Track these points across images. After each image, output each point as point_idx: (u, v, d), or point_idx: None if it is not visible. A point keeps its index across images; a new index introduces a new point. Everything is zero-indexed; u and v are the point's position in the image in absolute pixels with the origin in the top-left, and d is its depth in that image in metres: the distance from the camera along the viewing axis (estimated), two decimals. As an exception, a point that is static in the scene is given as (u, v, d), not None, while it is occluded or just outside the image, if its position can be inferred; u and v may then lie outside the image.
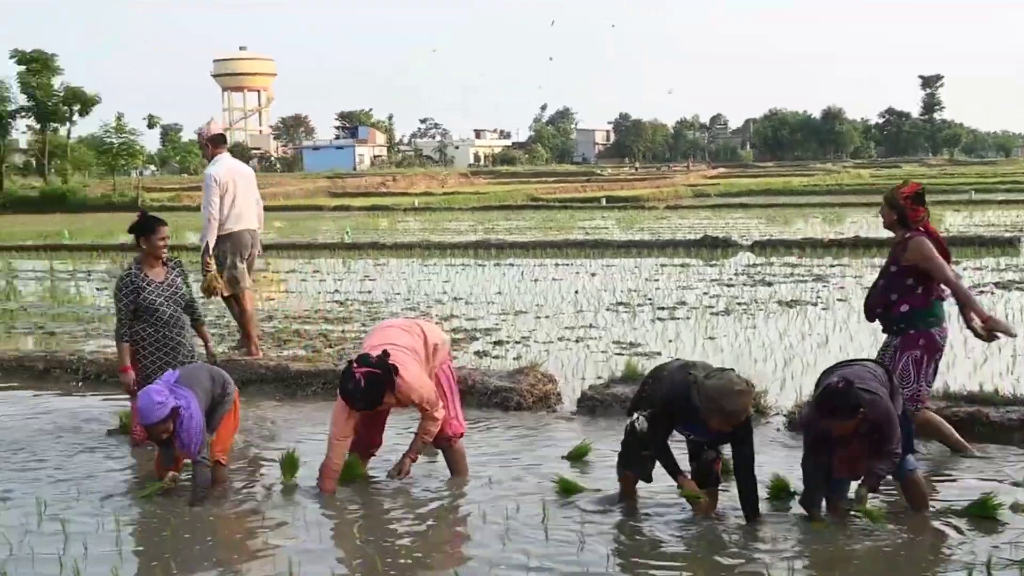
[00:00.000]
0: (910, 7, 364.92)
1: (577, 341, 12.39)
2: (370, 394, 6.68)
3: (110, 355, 11.22)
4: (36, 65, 65.31)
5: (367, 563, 5.76)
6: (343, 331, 13.18)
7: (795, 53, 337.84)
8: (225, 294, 10.90)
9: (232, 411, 7.44)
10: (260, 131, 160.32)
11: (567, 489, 6.82)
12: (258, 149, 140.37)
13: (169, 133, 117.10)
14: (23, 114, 67.26)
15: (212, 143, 10.92)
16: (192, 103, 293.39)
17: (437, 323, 11.93)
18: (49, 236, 32.82)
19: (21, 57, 65.65)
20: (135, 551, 6.11)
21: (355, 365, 6.71)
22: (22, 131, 76.44)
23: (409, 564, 5.83)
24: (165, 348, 8.20)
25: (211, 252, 10.75)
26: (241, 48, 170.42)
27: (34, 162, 78.18)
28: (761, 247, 23.09)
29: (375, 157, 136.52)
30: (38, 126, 70.00)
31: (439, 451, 7.42)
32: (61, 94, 66.23)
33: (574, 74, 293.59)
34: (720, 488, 6.53)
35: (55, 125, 69.94)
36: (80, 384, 10.76)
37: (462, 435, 7.33)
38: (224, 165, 10.82)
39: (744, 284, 17.19)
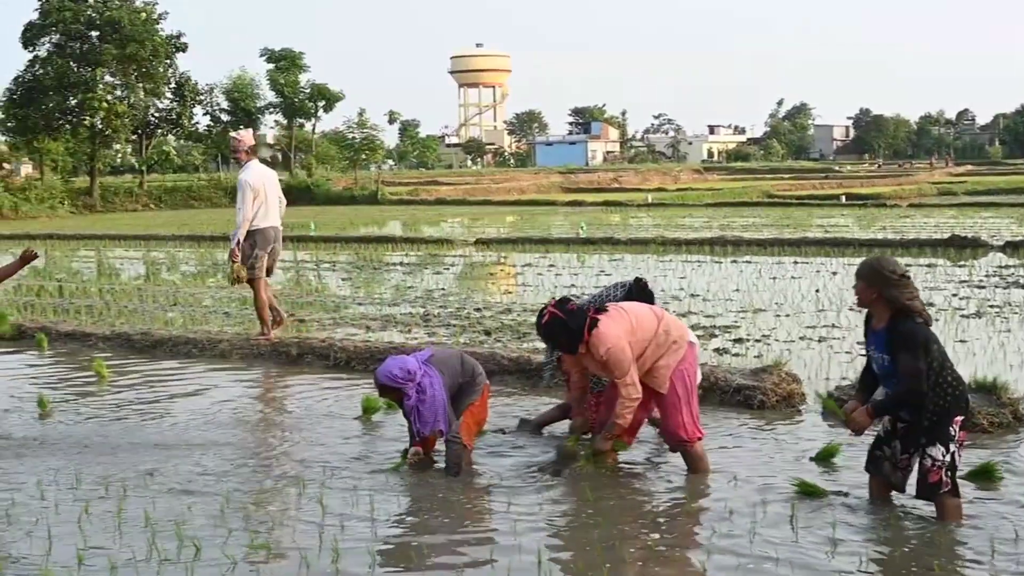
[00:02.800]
0: None
1: (820, 341, 12.12)
2: (548, 332, 7.03)
3: (359, 343, 11.66)
4: (284, 63, 68.14)
5: (614, 554, 5.77)
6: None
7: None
8: (243, 279, 12.21)
9: (480, 401, 7.58)
10: (494, 126, 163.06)
11: (809, 492, 6.68)
12: (492, 144, 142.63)
13: (408, 128, 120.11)
14: (271, 110, 70.28)
15: (251, 152, 12.28)
16: (430, 99, 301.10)
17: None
18: (294, 228, 34.11)
19: (270, 56, 68.60)
20: (388, 533, 6.28)
21: (552, 304, 7.03)
22: (270, 126, 79.93)
23: (654, 555, 5.81)
24: None
25: (239, 248, 12.06)
26: (478, 45, 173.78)
27: (280, 156, 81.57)
28: (1014, 248, 22.09)
29: (607, 153, 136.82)
30: (285, 122, 72.97)
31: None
32: (307, 91, 68.88)
33: (812, 68, 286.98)
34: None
35: (301, 121, 72.83)
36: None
37: (698, 439, 7.19)
38: (256, 171, 12.21)
39: (996, 286, 16.47)
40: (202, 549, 5.85)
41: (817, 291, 16.28)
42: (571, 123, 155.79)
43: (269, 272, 12.54)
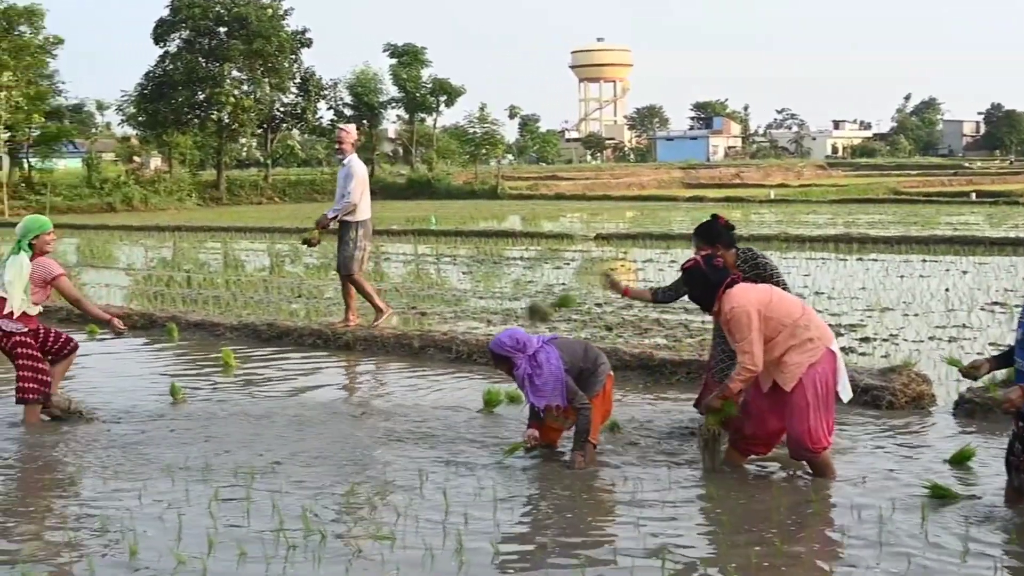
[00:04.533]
0: None
1: (950, 341, 11.82)
2: (688, 279, 7.05)
3: (480, 337, 11.70)
4: (407, 58, 68.88)
5: (741, 555, 5.69)
6: (703, 322, 13.08)
7: None
8: (315, 243, 12.84)
9: (602, 394, 7.56)
10: (615, 121, 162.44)
11: (941, 494, 6.51)
12: (612, 139, 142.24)
13: (528, 123, 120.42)
14: (393, 105, 71.06)
15: (354, 145, 12.74)
16: (550, 94, 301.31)
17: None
18: (415, 222, 34.43)
19: (393, 51, 69.37)
20: (510, 527, 6.29)
21: (699, 254, 7.16)
22: (392, 121, 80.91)
23: (781, 557, 5.70)
24: None
25: (332, 220, 12.50)
26: (599, 39, 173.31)
27: (401, 150, 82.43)
28: None
29: (729, 148, 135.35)
30: (407, 116, 73.70)
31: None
32: (429, 85, 69.53)
33: (941, 62, 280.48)
34: None
35: (422, 115, 73.59)
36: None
37: (824, 448, 6.96)
38: (361, 163, 12.74)
39: None
40: (327, 537, 5.92)
41: (947, 290, 15.88)
42: (692, 118, 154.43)
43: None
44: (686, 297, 7.49)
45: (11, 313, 8.74)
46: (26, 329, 8.82)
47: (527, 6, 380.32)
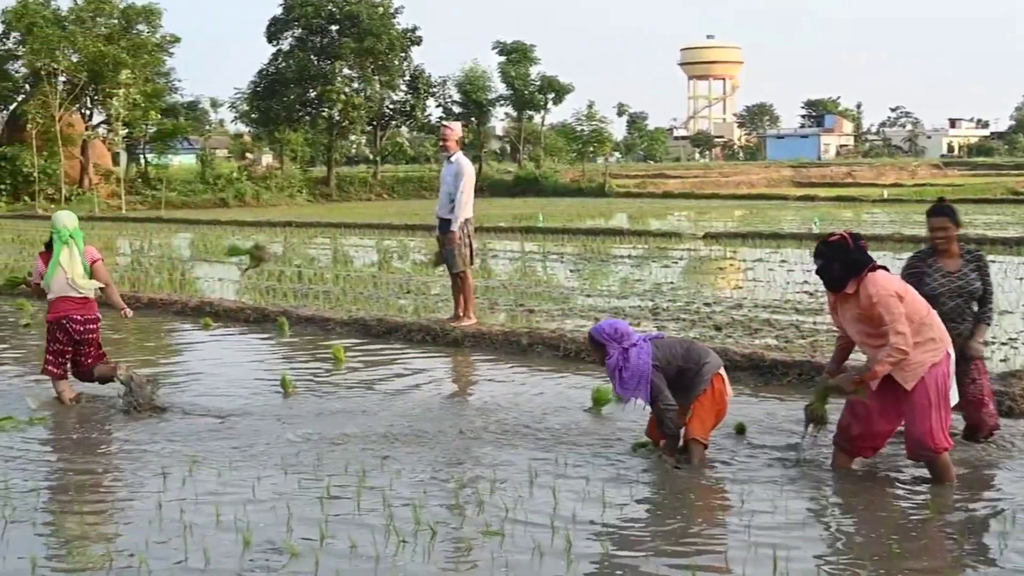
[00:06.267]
0: None
1: (1072, 346, 11.49)
2: (829, 252, 6.86)
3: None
4: (515, 56, 68.88)
5: (854, 558, 5.58)
6: (814, 323, 12.91)
7: None
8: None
9: (711, 393, 7.48)
10: (723, 119, 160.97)
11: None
12: (721, 137, 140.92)
13: (636, 121, 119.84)
14: (502, 102, 71.11)
15: (459, 143, 12.83)
16: (658, 91, 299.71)
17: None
18: (522, 219, 34.46)
19: (502, 48, 69.46)
20: (619, 525, 6.25)
21: (848, 231, 7.01)
22: (500, 118, 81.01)
23: (897, 563, 5.58)
24: None
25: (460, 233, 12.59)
26: (708, 37, 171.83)
27: (509, 148, 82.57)
28: None
29: (841, 147, 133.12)
30: (515, 114, 73.79)
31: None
32: (537, 83, 69.44)
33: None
34: None
35: (530, 113, 73.54)
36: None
37: (945, 450, 6.82)
38: (468, 161, 12.86)
39: None
40: (438, 533, 5.94)
41: (1070, 293, 15.43)
42: (803, 116, 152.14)
43: None
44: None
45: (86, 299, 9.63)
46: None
47: (637, 3, 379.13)
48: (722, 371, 7.62)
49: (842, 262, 6.82)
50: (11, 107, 54.98)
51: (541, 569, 5.53)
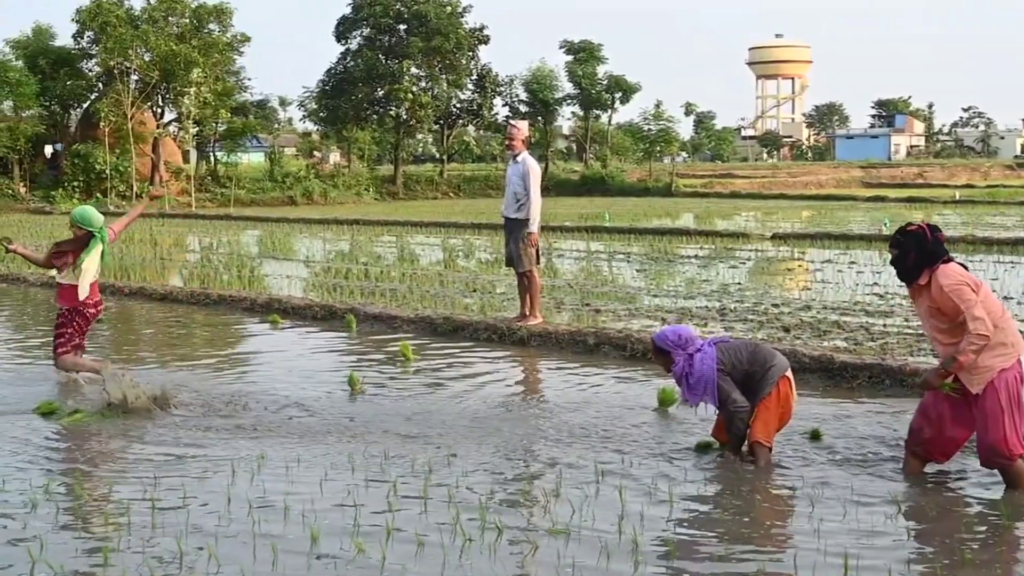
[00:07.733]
0: None
1: None
2: (906, 241, 6.78)
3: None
4: (583, 55, 68.77)
5: (925, 564, 5.50)
6: (884, 325, 12.75)
7: None
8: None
9: (776, 396, 7.41)
10: (792, 119, 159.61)
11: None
12: (789, 137, 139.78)
13: (703, 120, 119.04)
14: (569, 101, 71.03)
15: (527, 142, 12.87)
16: (726, 91, 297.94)
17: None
18: (588, 218, 34.39)
19: (569, 47, 69.37)
20: (685, 526, 6.22)
21: (926, 222, 6.93)
22: (567, 118, 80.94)
23: (968, 570, 5.49)
24: None
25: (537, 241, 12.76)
26: (777, 35, 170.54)
27: (575, 147, 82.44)
28: None
29: (911, 147, 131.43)
30: (582, 113, 73.67)
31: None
32: (604, 82, 69.28)
33: None
34: None
35: (597, 112, 73.37)
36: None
37: (1020, 456, 6.65)
38: (534, 161, 12.92)
39: None
40: (503, 532, 5.94)
41: None
42: (873, 115, 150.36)
43: None
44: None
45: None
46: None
47: (706, 2, 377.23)
48: (788, 374, 7.54)
49: (918, 252, 6.72)
50: (85, 105, 55.82)
51: (608, 569, 5.51)
